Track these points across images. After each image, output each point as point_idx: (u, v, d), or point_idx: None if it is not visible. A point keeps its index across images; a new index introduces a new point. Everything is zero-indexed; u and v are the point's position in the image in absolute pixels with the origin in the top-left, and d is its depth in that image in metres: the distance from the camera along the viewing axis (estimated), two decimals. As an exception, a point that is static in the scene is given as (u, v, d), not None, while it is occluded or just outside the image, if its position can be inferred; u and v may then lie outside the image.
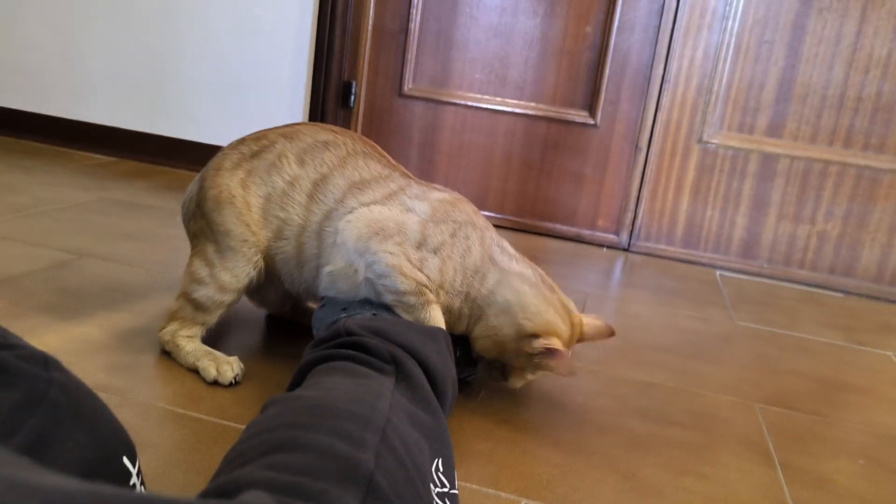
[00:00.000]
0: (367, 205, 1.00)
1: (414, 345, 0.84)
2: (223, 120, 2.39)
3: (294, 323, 1.26)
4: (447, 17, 2.19)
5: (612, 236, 2.21)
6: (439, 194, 1.05)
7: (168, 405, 0.92)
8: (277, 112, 2.33)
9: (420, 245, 0.98)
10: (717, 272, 2.09)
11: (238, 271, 1.03)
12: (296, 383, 0.82)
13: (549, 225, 2.23)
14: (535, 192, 2.23)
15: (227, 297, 1.04)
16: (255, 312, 1.28)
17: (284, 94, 2.32)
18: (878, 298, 2.03)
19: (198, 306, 1.04)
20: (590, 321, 1.06)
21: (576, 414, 1.06)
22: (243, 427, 0.87)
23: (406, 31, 2.23)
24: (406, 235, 0.99)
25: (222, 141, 2.37)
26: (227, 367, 1.00)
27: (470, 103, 2.23)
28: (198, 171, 1.16)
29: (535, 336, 0.97)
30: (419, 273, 0.97)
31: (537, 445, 0.95)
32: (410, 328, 0.90)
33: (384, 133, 2.31)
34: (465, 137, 2.25)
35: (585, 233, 2.22)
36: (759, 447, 1.03)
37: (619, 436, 1.01)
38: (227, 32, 2.32)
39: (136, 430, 0.85)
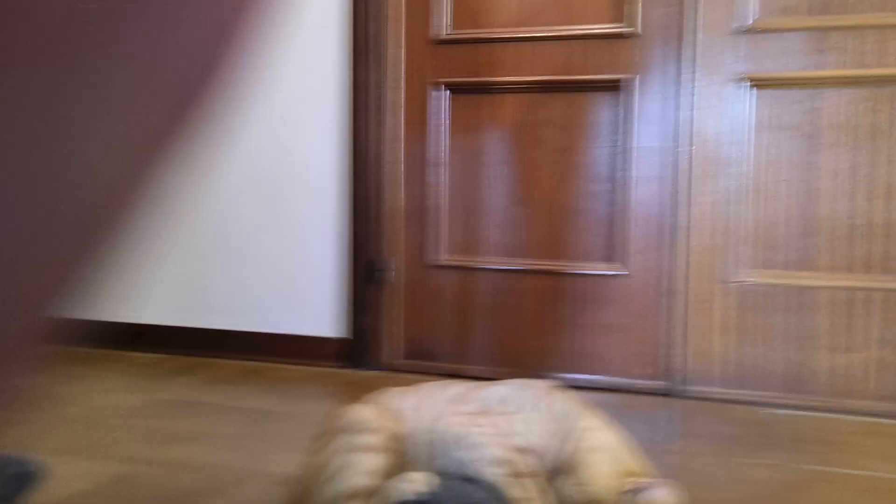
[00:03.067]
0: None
1: None
2: (265, 308, 2.47)
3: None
4: (469, 189, 2.31)
5: (658, 383, 2.17)
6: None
7: None
8: (317, 294, 2.41)
9: (504, 412, 1.08)
10: (773, 410, 2.03)
11: None
12: None
13: (593, 377, 2.22)
14: (572, 346, 2.24)
15: None
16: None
17: (323, 277, 2.41)
18: (948, 424, 1.94)
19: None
20: None
21: None
22: None
23: (433, 206, 2.34)
24: (488, 412, 1.08)
25: (267, 328, 2.47)
26: None
27: (499, 267, 2.29)
28: (244, 360, 1.21)
29: (632, 476, 1.02)
30: (508, 439, 1.03)
31: None
32: None
33: (420, 303, 2.37)
34: (497, 300, 2.30)
35: (629, 382, 2.20)
36: None
37: None
38: (264, 227, 2.46)
39: None
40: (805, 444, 1.74)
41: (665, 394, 2.17)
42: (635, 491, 0.99)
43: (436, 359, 2.35)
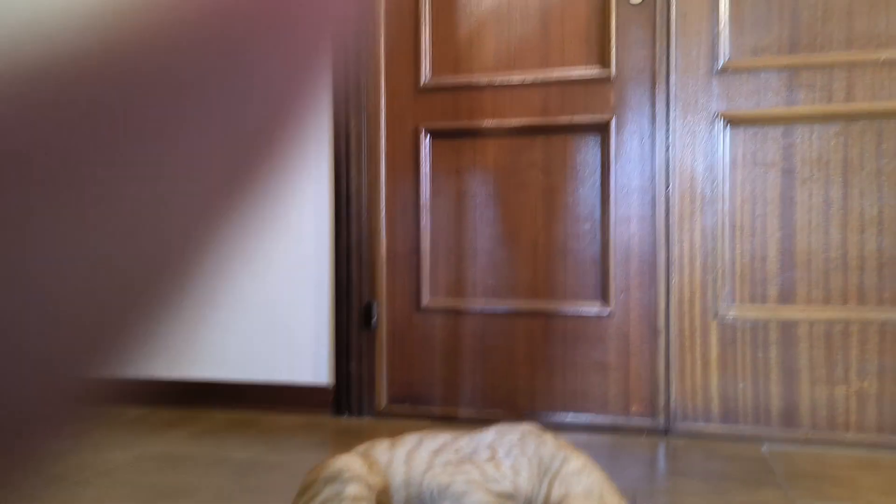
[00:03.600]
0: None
1: None
2: (251, 357, 2.46)
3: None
4: (454, 232, 2.33)
5: (648, 421, 2.18)
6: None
7: None
8: (303, 342, 2.41)
9: (491, 458, 1.07)
10: (763, 445, 2.04)
11: None
12: None
13: (583, 417, 2.22)
14: (562, 386, 2.24)
15: None
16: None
17: (309, 324, 2.41)
18: (935, 453, 1.96)
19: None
20: None
21: None
22: None
23: (417, 250, 2.36)
24: (474, 458, 1.08)
25: (252, 377, 2.45)
26: None
27: (486, 308, 2.30)
28: (231, 410, 1.20)
29: None
30: (496, 484, 1.03)
31: None
32: None
33: (408, 347, 2.37)
34: (486, 341, 2.30)
35: (620, 421, 2.20)
36: None
37: None
38: (247, 276, 2.46)
39: None
40: (799, 480, 1.74)
41: (654, 431, 2.17)
42: None
43: (425, 403, 2.35)
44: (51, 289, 0.20)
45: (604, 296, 2.21)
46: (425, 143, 2.34)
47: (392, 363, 2.39)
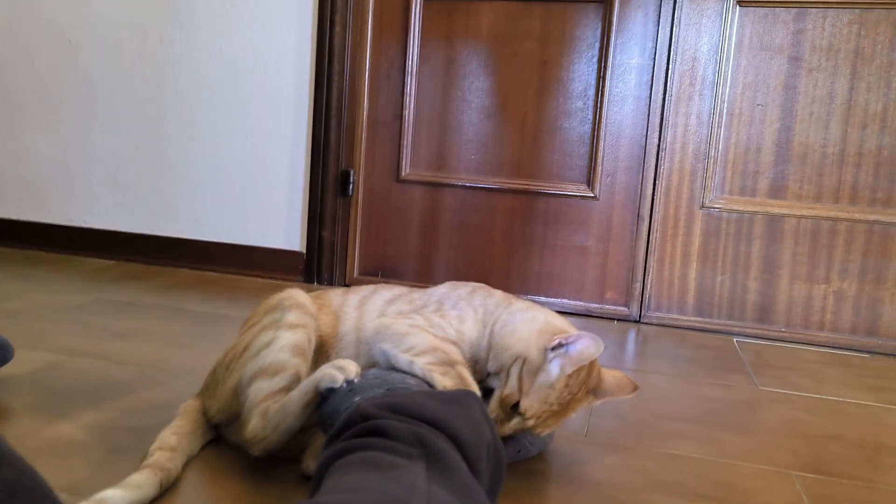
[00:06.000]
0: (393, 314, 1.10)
1: (438, 415, 0.73)
2: (222, 217, 2.38)
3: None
4: (440, 102, 2.22)
5: (622, 308, 2.14)
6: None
7: (152, 505, 0.85)
8: (276, 205, 2.32)
9: (438, 308, 1.05)
10: (735, 339, 2.01)
11: None
12: (314, 490, 0.72)
13: (557, 301, 2.18)
14: (539, 268, 2.19)
15: None
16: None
17: (283, 187, 2.32)
18: (905, 356, 1.94)
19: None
20: (609, 373, 1.04)
21: (596, 492, 0.98)
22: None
23: (400, 118, 2.25)
24: (423, 308, 1.07)
25: (222, 238, 2.38)
26: None
27: (467, 184, 2.22)
28: (199, 269, 1.15)
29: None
30: (441, 330, 1.01)
31: (556, 528, 0.87)
32: (431, 397, 0.81)
33: (384, 219, 2.29)
34: (464, 218, 2.23)
35: (594, 307, 2.16)
36: (799, 517, 0.94)
37: (645, 513, 0.92)
38: (222, 132, 2.34)
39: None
40: (766, 369, 1.72)
41: (627, 319, 2.14)
42: (560, 345, 0.96)
43: (398, 276, 2.30)
44: None
45: (590, 178, 2.13)
46: (416, 2, 2.19)
47: (366, 234, 2.32)
